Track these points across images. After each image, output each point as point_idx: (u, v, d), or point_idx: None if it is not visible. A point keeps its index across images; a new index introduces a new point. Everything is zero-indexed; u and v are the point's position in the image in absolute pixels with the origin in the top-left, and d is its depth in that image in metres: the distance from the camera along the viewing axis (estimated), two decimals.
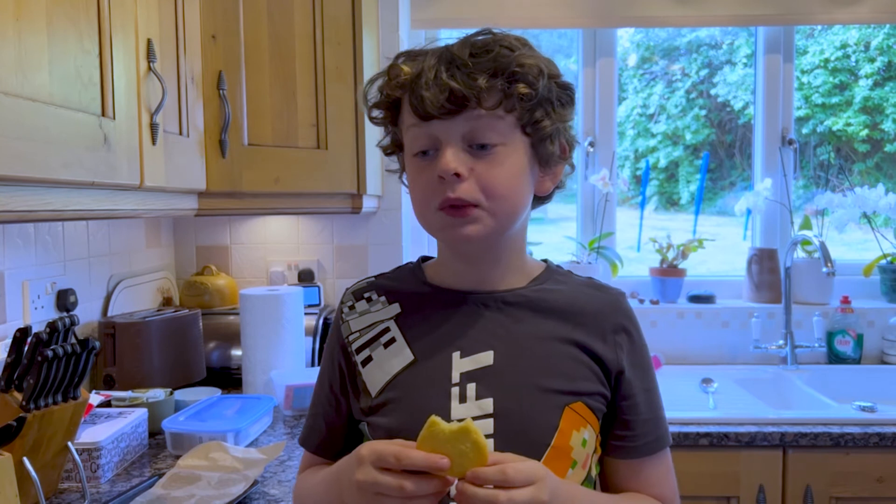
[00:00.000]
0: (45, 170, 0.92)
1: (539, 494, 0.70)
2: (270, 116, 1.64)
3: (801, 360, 2.14)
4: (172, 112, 1.35)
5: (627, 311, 0.92)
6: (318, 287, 2.09)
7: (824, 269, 1.90)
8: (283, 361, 1.74)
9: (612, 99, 2.34)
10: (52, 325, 1.12)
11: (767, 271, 2.27)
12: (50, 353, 1.07)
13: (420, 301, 0.91)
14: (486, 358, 0.85)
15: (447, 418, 0.78)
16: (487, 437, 0.80)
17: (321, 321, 1.95)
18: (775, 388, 2.01)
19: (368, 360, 0.89)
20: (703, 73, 2.59)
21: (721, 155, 2.58)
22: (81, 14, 1.02)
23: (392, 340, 0.89)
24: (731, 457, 1.60)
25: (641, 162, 2.59)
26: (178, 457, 1.33)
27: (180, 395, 1.61)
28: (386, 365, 0.88)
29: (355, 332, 0.92)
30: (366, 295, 0.94)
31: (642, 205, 2.48)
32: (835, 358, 2.16)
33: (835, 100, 2.51)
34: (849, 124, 2.49)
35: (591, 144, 2.33)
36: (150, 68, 1.20)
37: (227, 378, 1.86)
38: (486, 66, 0.80)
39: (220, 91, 1.51)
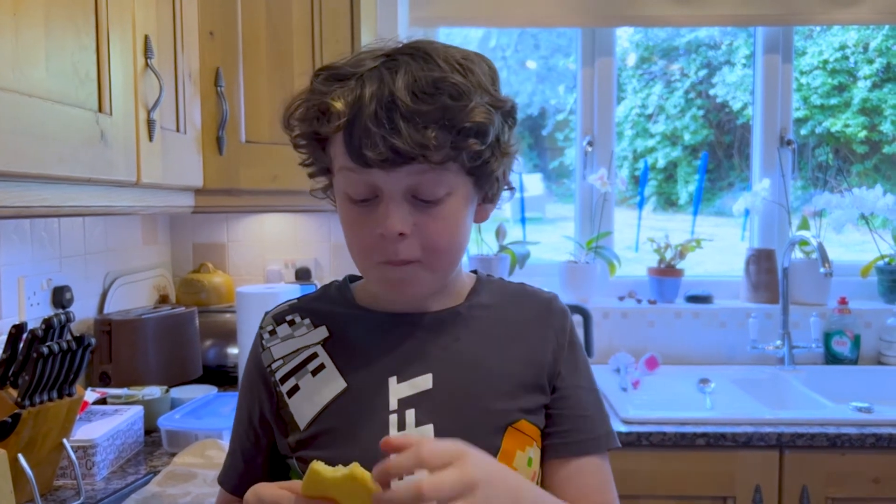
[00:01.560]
0: (41, 165, 0.91)
1: (466, 471, 0.62)
2: (268, 113, 1.63)
3: (798, 360, 2.13)
4: (170, 108, 1.34)
5: (561, 313, 0.88)
6: (315, 285, 2.09)
7: (822, 270, 1.90)
8: None
9: (610, 99, 2.34)
10: (47, 322, 1.12)
11: (765, 272, 2.27)
12: (45, 350, 1.07)
13: (349, 323, 0.84)
14: (424, 382, 0.79)
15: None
16: None
17: None
18: (772, 389, 2.01)
19: (295, 389, 0.81)
20: (702, 73, 2.59)
21: (719, 155, 2.59)
22: (79, 10, 1.01)
23: (321, 367, 0.81)
24: (728, 457, 1.60)
25: (640, 162, 2.59)
26: (173, 454, 1.32)
27: (176, 392, 1.61)
28: (315, 394, 0.80)
29: (278, 359, 0.84)
30: (288, 318, 0.86)
31: (640, 205, 2.48)
32: (832, 358, 2.16)
33: (833, 101, 2.51)
34: (847, 125, 2.50)
35: (590, 144, 2.33)
36: (147, 64, 1.20)
37: (224, 376, 1.86)
38: (433, 118, 0.70)
39: (218, 88, 1.51)
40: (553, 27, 2.39)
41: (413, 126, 0.70)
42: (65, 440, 1.16)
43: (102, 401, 1.49)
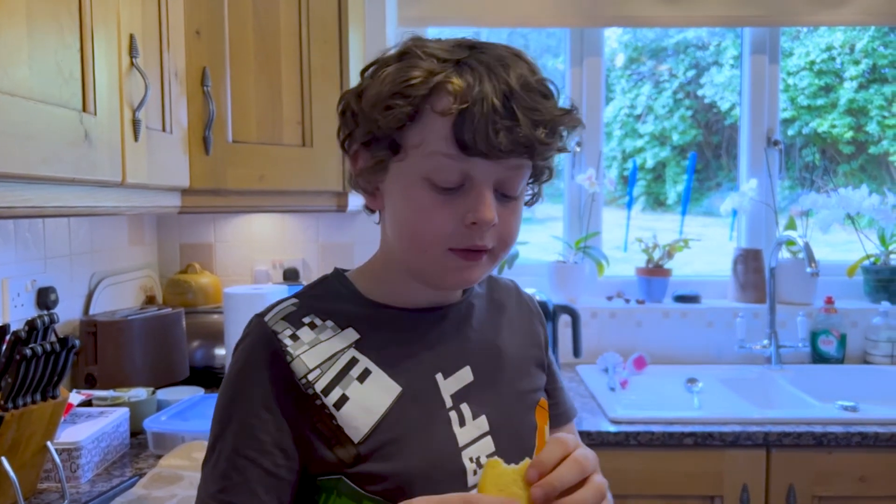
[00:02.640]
0: (24, 165, 0.90)
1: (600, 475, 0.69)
2: (255, 113, 1.63)
3: (785, 359, 2.15)
4: (155, 108, 1.33)
5: (525, 293, 0.95)
6: (304, 286, 2.08)
7: (808, 270, 1.91)
8: None
9: (599, 99, 2.35)
10: (30, 324, 1.11)
11: (752, 271, 2.28)
12: (28, 352, 1.06)
13: (374, 322, 0.79)
14: (466, 375, 0.80)
15: (455, 447, 0.75)
16: (491, 455, 0.76)
17: None
18: (759, 388, 2.02)
19: (343, 400, 0.73)
20: (691, 73, 2.60)
21: (708, 155, 2.60)
22: (62, 8, 1.00)
23: (366, 372, 0.75)
24: (715, 456, 1.60)
25: (628, 162, 2.59)
26: (159, 456, 1.31)
27: (163, 394, 1.60)
28: (369, 402, 0.74)
29: (314, 368, 0.74)
30: (305, 320, 0.77)
31: (629, 205, 2.49)
32: (818, 358, 2.17)
33: (820, 102, 2.53)
34: (834, 126, 2.51)
35: (578, 144, 2.33)
36: (132, 64, 1.18)
37: (211, 377, 1.85)
38: (548, 117, 0.71)
39: (205, 87, 1.50)
40: (542, 27, 2.39)
41: (531, 121, 0.70)
42: (49, 443, 1.15)
43: (88, 403, 1.48)
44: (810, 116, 2.50)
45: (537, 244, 2.45)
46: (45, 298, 1.55)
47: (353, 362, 0.76)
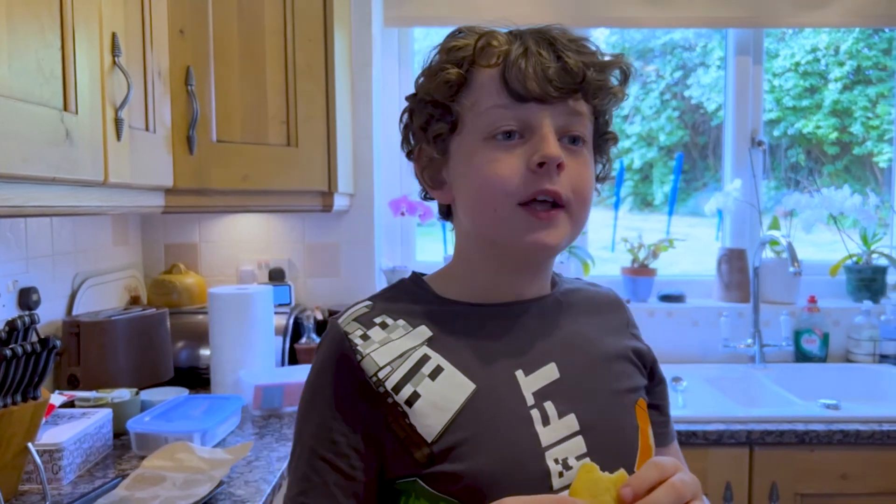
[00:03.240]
0: (4, 164, 0.90)
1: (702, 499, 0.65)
2: (240, 113, 1.62)
3: (768, 358, 2.17)
4: (138, 107, 1.32)
5: (625, 305, 0.92)
6: (290, 286, 2.07)
7: (791, 269, 1.93)
8: (253, 361, 1.72)
9: None
10: (11, 324, 1.10)
11: (737, 271, 2.30)
12: (9, 353, 1.05)
13: (449, 320, 0.77)
14: (550, 371, 0.75)
15: (538, 447, 0.71)
16: (582, 457, 0.72)
17: (291, 320, 1.93)
18: (743, 387, 2.04)
19: (415, 397, 0.71)
20: (677, 74, 2.62)
21: (694, 156, 2.61)
22: (43, 7, 1.00)
23: (438, 369, 0.73)
24: (699, 454, 1.61)
25: (616, 163, 2.60)
26: (143, 457, 1.31)
27: (147, 395, 1.59)
28: (441, 401, 0.71)
29: (384, 366, 0.73)
30: (376, 321, 0.76)
31: (616, 205, 2.50)
32: (801, 356, 2.19)
33: (805, 103, 2.55)
34: (819, 127, 2.53)
35: None
36: (114, 62, 1.18)
37: (196, 378, 1.84)
38: (589, 57, 0.73)
39: (188, 87, 1.49)
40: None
41: (577, 60, 0.72)
42: (30, 444, 1.14)
43: (70, 404, 1.47)
44: (795, 117, 2.52)
45: None
46: (26, 299, 1.54)
47: (424, 359, 0.74)
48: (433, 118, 0.77)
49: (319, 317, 2.01)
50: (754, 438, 1.61)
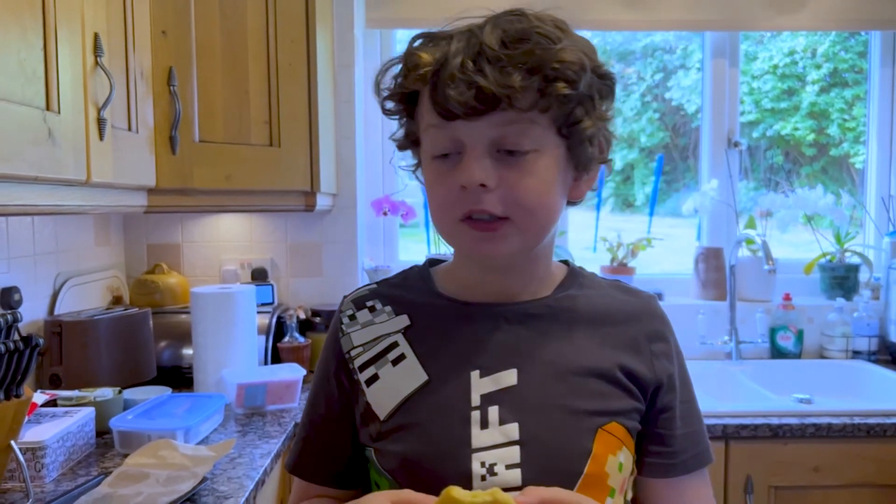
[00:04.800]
0: None
1: None
2: (222, 113, 1.63)
3: (745, 354, 2.20)
4: (121, 107, 1.33)
5: (662, 315, 0.84)
6: (272, 286, 2.08)
7: (766, 267, 1.97)
8: (235, 360, 1.73)
9: None
10: None
11: (713, 269, 2.34)
12: None
13: (431, 313, 0.81)
14: (508, 377, 0.75)
15: (467, 447, 0.72)
16: (513, 467, 0.72)
17: (274, 320, 1.94)
18: (720, 382, 2.07)
19: (374, 378, 0.79)
20: (658, 77, 2.65)
21: (675, 157, 2.65)
22: (25, 7, 1.01)
23: (402, 357, 0.79)
24: None
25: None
26: (126, 455, 1.31)
27: (129, 394, 1.59)
28: (396, 385, 0.77)
29: (358, 346, 0.81)
30: (368, 304, 0.84)
31: (598, 206, 2.53)
32: (777, 353, 2.23)
33: (783, 105, 2.59)
34: (796, 129, 2.58)
35: None
36: (97, 63, 1.19)
37: (179, 377, 1.84)
38: (520, 61, 0.68)
39: (171, 87, 1.50)
40: None
41: (498, 69, 0.68)
42: (12, 442, 1.14)
43: (53, 403, 1.47)
44: (774, 119, 2.57)
45: None
46: (8, 298, 1.54)
47: (393, 346, 0.80)
48: (408, 143, 0.82)
49: (302, 316, 2.02)
50: (729, 432, 1.64)
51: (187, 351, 1.85)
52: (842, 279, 2.31)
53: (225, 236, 2.16)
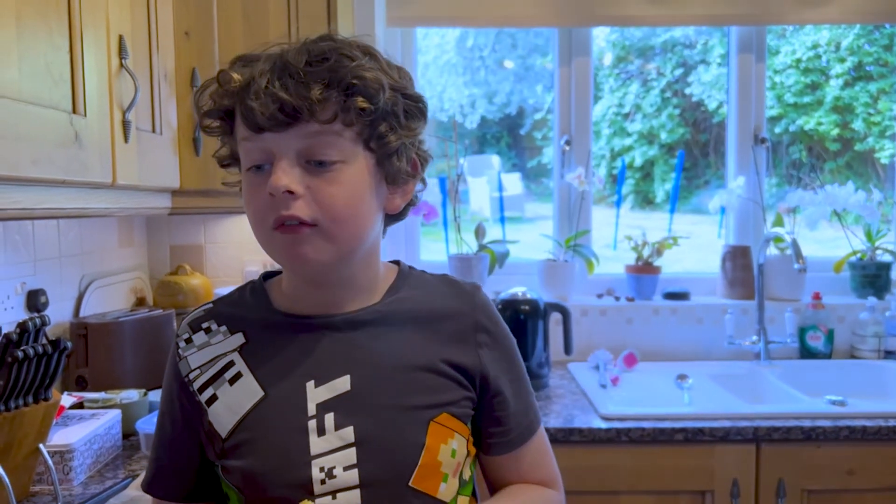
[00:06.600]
0: (14, 167, 0.90)
1: None
2: None
3: (773, 355, 2.17)
4: (145, 109, 1.33)
5: (484, 306, 0.88)
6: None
7: (796, 266, 1.93)
8: None
9: (587, 98, 2.36)
10: (22, 326, 1.10)
11: (741, 268, 2.30)
12: (20, 354, 1.05)
13: (265, 328, 0.84)
14: (342, 384, 0.79)
15: (306, 455, 0.76)
16: (350, 468, 0.76)
17: None
18: (749, 384, 2.04)
19: (213, 399, 0.82)
20: (678, 72, 2.62)
21: (696, 154, 2.61)
22: (51, 10, 1.00)
23: (238, 375, 0.82)
24: (706, 451, 1.62)
25: (617, 161, 2.61)
26: None
27: (154, 395, 1.59)
28: (234, 404, 0.81)
29: (195, 368, 0.84)
30: (204, 325, 0.86)
31: (618, 203, 2.50)
32: (806, 353, 2.19)
33: (806, 99, 2.55)
34: (820, 123, 2.53)
35: (568, 143, 2.34)
36: (122, 65, 1.19)
37: None
38: (320, 76, 0.74)
39: (194, 88, 1.50)
40: (530, 27, 2.40)
41: (300, 84, 0.73)
42: (41, 445, 1.14)
43: (79, 405, 1.48)
44: (797, 114, 2.53)
45: (528, 243, 2.46)
46: (35, 301, 1.54)
47: (229, 365, 0.82)
48: (232, 161, 0.85)
49: None
50: (761, 435, 1.61)
51: None
52: (873, 277, 2.27)
53: (248, 237, 2.14)
